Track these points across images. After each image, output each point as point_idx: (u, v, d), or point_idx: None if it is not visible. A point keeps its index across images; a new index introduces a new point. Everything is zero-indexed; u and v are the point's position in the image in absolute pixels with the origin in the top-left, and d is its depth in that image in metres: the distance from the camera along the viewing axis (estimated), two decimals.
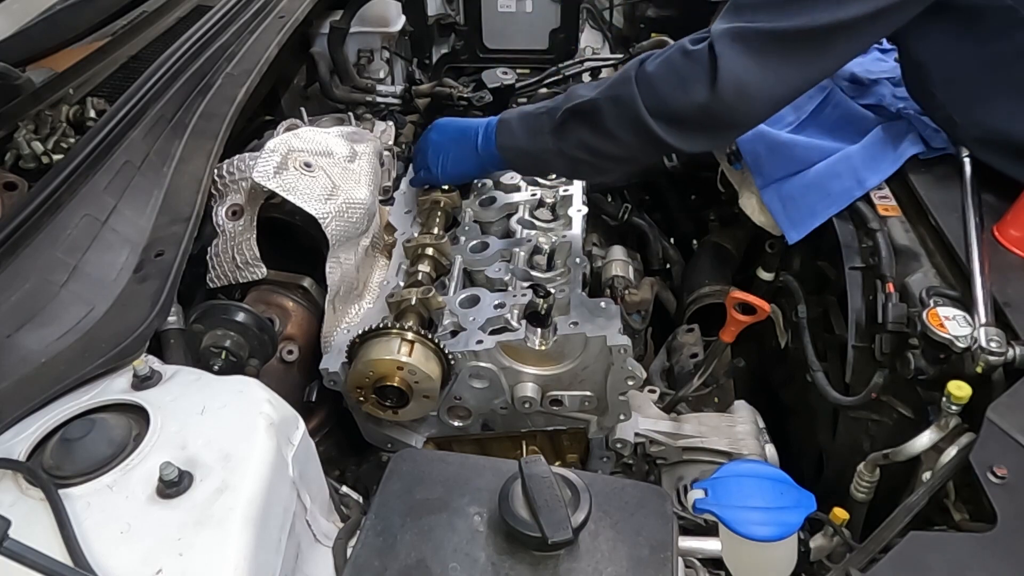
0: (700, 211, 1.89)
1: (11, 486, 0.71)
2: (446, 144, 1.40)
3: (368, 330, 1.11)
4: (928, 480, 0.98)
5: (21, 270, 0.99)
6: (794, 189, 1.37)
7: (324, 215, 1.18)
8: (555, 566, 0.76)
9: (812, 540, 1.06)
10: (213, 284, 1.19)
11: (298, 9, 1.71)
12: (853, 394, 1.20)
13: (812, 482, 0.94)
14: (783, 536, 0.81)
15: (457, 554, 0.78)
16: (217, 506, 0.68)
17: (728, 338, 1.27)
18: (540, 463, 0.79)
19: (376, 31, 2.02)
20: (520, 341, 1.13)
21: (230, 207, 1.23)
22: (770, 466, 0.87)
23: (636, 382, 1.15)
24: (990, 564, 0.80)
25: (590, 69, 1.98)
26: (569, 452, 1.30)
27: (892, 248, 1.19)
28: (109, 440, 0.73)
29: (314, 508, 0.83)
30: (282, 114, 1.78)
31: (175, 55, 1.45)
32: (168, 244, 1.05)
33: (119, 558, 0.65)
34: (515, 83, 1.95)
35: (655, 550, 0.79)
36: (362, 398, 1.13)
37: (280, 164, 1.19)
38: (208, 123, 1.29)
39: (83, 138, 1.23)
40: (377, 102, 1.94)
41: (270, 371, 1.15)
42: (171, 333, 1.00)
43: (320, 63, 1.91)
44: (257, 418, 0.76)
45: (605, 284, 1.46)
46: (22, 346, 0.89)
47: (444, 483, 0.85)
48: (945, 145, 1.28)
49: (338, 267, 1.21)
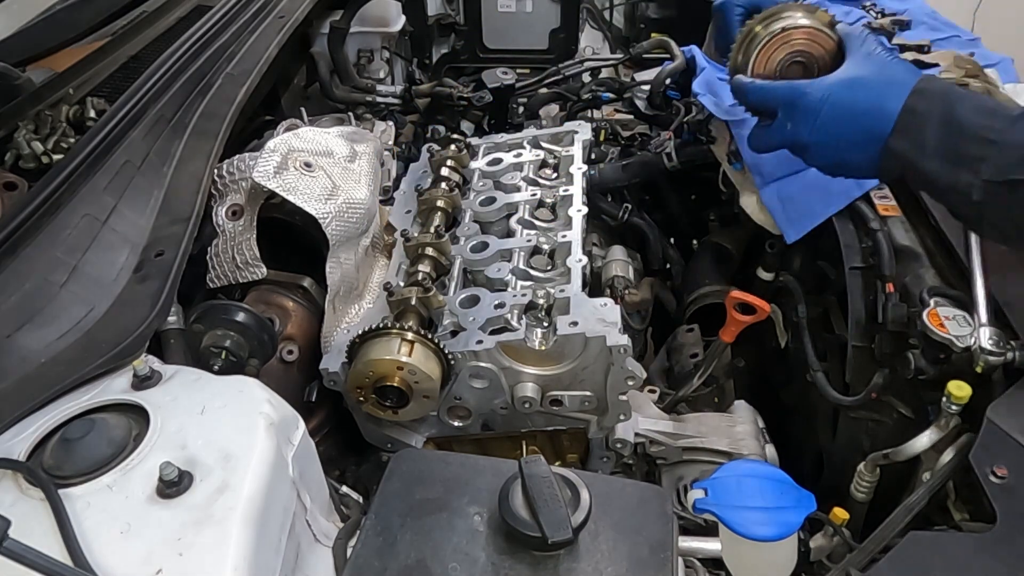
0: (700, 211, 1.89)
1: (11, 486, 0.71)
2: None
3: (368, 330, 1.11)
4: (928, 480, 0.98)
5: (21, 270, 0.99)
6: (793, 189, 1.37)
7: (324, 215, 1.18)
8: (555, 566, 0.76)
9: (812, 540, 1.06)
10: (213, 284, 1.19)
11: (298, 9, 1.71)
12: (853, 394, 1.20)
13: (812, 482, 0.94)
14: (783, 536, 0.81)
15: (457, 554, 0.78)
16: (217, 506, 0.68)
17: (728, 338, 1.27)
18: (540, 463, 0.79)
19: (376, 31, 2.02)
20: (520, 341, 1.13)
21: (230, 207, 1.23)
22: (770, 466, 0.87)
23: (636, 382, 1.15)
24: (990, 564, 0.80)
25: (590, 69, 1.98)
26: (569, 452, 1.30)
27: (892, 248, 1.19)
28: (109, 440, 0.73)
29: (314, 508, 0.83)
30: (282, 114, 1.77)
31: (175, 55, 1.45)
32: (168, 244, 1.05)
33: (119, 558, 0.65)
34: (515, 83, 1.95)
35: (655, 550, 0.79)
36: (362, 398, 1.13)
37: (280, 164, 1.19)
38: (208, 123, 1.29)
39: (83, 138, 1.23)
40: (377, 102, 1.94)
41: (270, 371, 1.15)
42: (171, 333, 1.00)
43: (320, 63, 1.91)
44: (257, 418, 0.76)
45: (605, 284, 1.46)
46: (22, 346, 0.89)
47: (444, 483, 0.85)
48: None
49: (338, 267, 1.21)
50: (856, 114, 0.90)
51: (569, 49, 2.36)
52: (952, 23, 1.66)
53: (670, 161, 1.70)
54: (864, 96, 0.90)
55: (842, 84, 0.92)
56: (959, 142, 0.82)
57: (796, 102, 0.94)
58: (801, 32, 0.98)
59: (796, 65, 1.00)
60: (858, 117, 0.90)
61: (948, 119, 0.83)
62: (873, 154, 0.91)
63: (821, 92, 0.92)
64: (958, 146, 0.82)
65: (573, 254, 1.32)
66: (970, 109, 0.83)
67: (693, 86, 1.59)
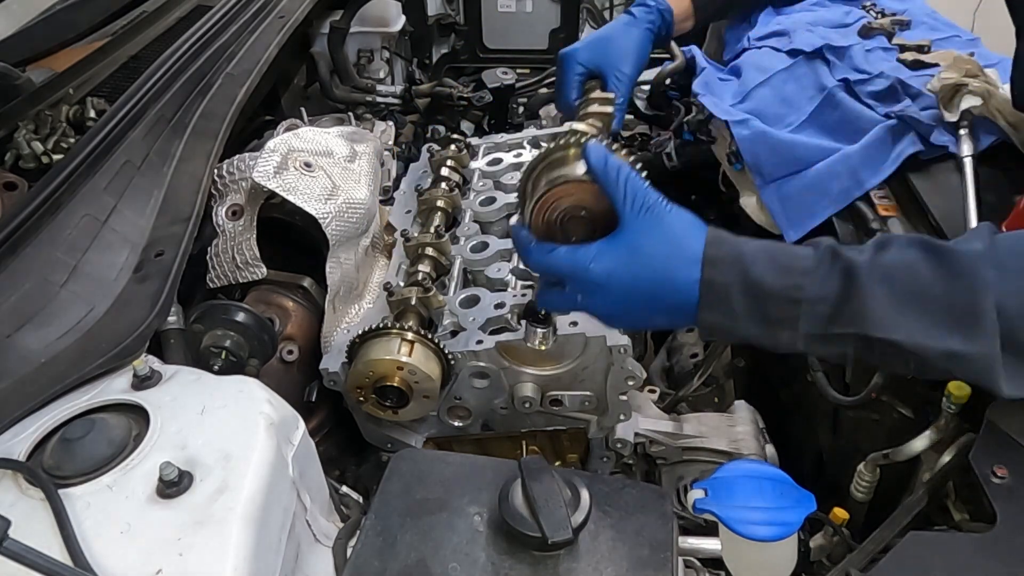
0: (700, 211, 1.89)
1: (11, 486, 0.71)
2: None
3: (368, 330, 1.11)
4: (928, 480, 0.98)
5: (21, 270, 0.99)
6: (793, 189, 1.37)
7: (324, 215, 1.18)
8: (555, 566, 0.76)
9: (812, 540, 1.06)
10: (213, 284, 1.19)
11: (298, 9, 1.71)
12: (853, 394, 1.20)
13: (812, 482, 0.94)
14: (783, 536, 0.81)
15: (457, 554, 0.78)
16: (217, 506, 0.68)
17: None
18: (540, 463, 0.79)
19: (376, 31, 2.02)
20: (520, 341, 1.13)
21: (230, 207, 1.23)
22: (770, 466, 0.87)
23: (636, 382, 1.15)
24: (990, 564, 0.80)
25: None
26: (569, 452, 1.30)
27: None
28: (109, 440, 0.73)
29: (314, 508, 0.83)
30: (282, 114, 1.78)
31: (175, 55, 1.45)
32: (168, 244, 1.05)
33: (119, 558, 0.65)
34: (515, 83, 1.95)
35: (655, 550, 0.79)
36: (362, 398, 1.13)
37: (280, 164, 1.19)
38: (208, 123, 1.29)
39: (83, 138, 1.23)
40: (377, 102, 1.94)
41: (270, 371, 1.15)
42: (171, 333, 1.00)
43: (320, 63, 1.91)
44: (257, 418, 0.76)
45: None
46: (22, 346, 0.88)
47: (444, 483, 0.85)
48: (945, 142, 1.28)
49: (338, 267, 1.21)
50: (649, 290, 0.82)
51: None
52: (952, 23, 1.66)
53: (670, 161, 1.70)
54: (651, 272, 0.81)
55: (623, 257, 0.82)
56: (767, 307, 0.78)
57: (579, 277, 0.83)
58: (571, 187, 0.84)
59: (576, 220, 0.85)
60: (654, 293, 0.82)
61: (748, 286, 0.78)
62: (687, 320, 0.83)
63: (603, 267, 0.82)
64: (768, 311, 0.78)
65: None
66: (765, 270, 0.78)
67: (693, 86, 1.59)
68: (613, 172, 0.81)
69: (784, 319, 0.78)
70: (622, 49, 1.31)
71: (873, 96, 1.46)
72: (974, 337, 0.72)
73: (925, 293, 0.74)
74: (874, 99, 1.45)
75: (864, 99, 1.46)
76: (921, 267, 0.75)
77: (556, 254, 0.84)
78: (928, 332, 0.73)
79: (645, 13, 1.34)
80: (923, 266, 0.75)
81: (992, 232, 0.76)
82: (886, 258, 0.76)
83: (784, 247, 0.81)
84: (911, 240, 0.77)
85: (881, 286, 0.75)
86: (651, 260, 0.81)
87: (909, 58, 1.55)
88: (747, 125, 1.45)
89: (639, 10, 1.34)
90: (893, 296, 0.74)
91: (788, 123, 1.49)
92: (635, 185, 0.82)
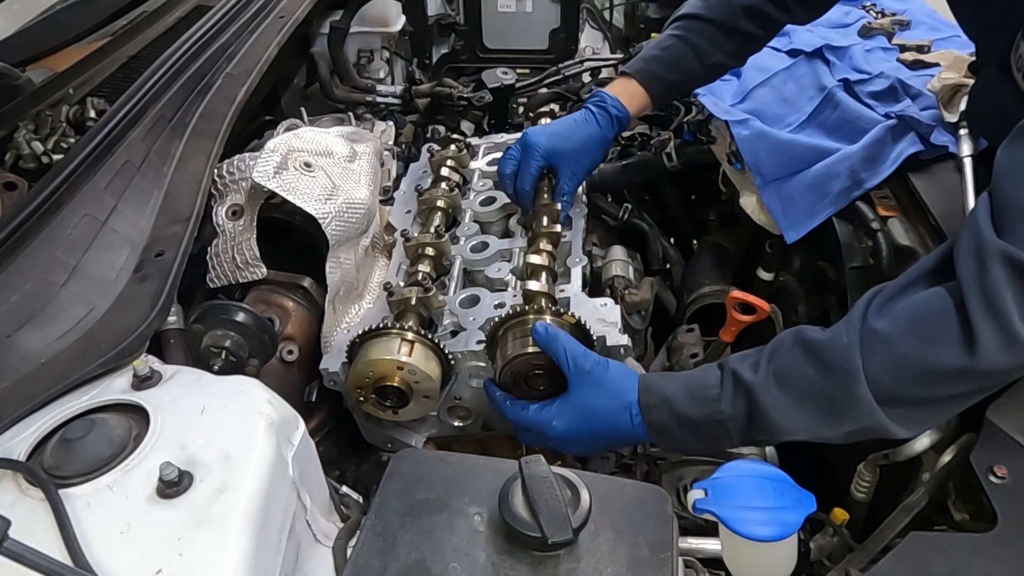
0: (700, 211, 1.89)
1: (11, 486, 0.71)
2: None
3: (368, 330, 1.11)
4: (928, 480, 0.98)
5: (21, 270, 0.99)
6: (793, 189, 1.37)
7: (324, 215, 1.18)
8: (555, 566, 0.76)
9: (812, 540, 1.06)
10: (213, 284, 1.19)
11: (298, 9, 1.71)
12: None
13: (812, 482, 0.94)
14: (783, 536, 0.81)
15: (457, 554, 0.78)
16: (217, 506, 0.68)
17: (728, 338, 1.27)
18: (540, 463, 0.79)
19: (376, 31, 2.02)
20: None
21: (230, 207, 1.23)
22: (770, 466, 0.87)
23: None
24: (990, 564, 0.80)
25: (590, 69, 1.98)
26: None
27: (892, 248, 1.19)
28: (109, 440, 0.73)
29: (314, 508, 0.83)
30: (282, 114, 1.78)
31: (175, 55, 1.46)
32: (168, 244, 1.05)
33: (119, 558, 0.65)
34: (515, 83, 1.95)
35: (655, 550, 0.79)
36: (362, 398, 1.13)
37: (280, 164, 1.19)
38: (208, 123, 1.29)
39: (83, 138, 1.23)
40: (377, 102, 1.94)
41: (270, 371, 1.15)
42: (171, 333, 1.00)
43: (320, 63, 1.91)
44: (257, 418, 0.76)
45: (605, 284, 1.46)
46: (22, 346, 0.89)
47: (444, 483, 0.85)
48: (945, 142, 1.28)
49: (338, 267, 1.21)
50: (604, 435, 1.03)
51: (569, 49, 2.36)
52: (952, 23, 1.65)
53: (670, 161, 1.70)
54: (602, 424, 1.02)
55: (577, 415, 1.03)
56: (699, 430, 0.96)
57: (546, 431, 1.05)
58: (528, 357, 1.07)
59: (536, 376, 1.08)
60: (608, 436, 1.04)
61: (679, 420, 0.97)
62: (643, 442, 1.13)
63: (563, 423, 1.03)
64: (701, 432, 0.97)
65: (573, 254, 1.32)
66: (688, 406, 0.96)
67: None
68: (555, 344, 1.03)
69: (717, 435, 0.96)
70: (579, 148, 1.39)
71: (873, 96, 1.46)
72: (859, 417, 0.88)
73: (812, 393, 0.90)
74: (874, 99, 1.45)
75: (864, 99, 1.46)
76: (806, 368, 0.90)
77: (526, 413, 1.06)
78: (824, 424, 0.91)
79: (601, 114, 1.41)
80: (807, 367, 0.90)
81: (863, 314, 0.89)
82: (776, 366, 0.92)
83: (695, 377, 0.99)
84: (795, 341, 0.93)
85: (777, 394, 0.91)
86: (599, 415, 1.02)
87: (909, 58, 1.55)
88: (747, 125, 1.46)
89: (597, 110, 1.40)
90: (789, 400, 0.91)
91: (788, 123, 1.49)
92: (574, 352, 1.02)
